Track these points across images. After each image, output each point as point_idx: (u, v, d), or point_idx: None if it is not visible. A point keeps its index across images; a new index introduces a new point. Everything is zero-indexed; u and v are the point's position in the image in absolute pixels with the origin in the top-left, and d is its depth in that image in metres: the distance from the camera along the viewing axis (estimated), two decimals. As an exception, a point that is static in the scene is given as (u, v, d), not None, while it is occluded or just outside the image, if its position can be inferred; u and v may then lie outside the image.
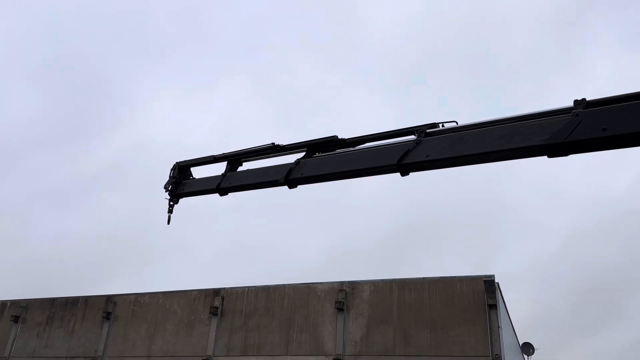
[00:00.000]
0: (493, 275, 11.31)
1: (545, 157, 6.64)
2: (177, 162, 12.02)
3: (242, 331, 13.35)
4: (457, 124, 7.75)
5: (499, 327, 10.88)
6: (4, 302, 17.26)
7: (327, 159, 8.85)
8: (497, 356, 10.69)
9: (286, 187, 9.21)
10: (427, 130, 7.82)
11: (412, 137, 7.99)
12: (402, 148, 7.85)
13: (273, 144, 10.19)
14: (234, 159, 10.82)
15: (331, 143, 9.13)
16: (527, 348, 18.19)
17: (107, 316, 15.06)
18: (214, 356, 13.29)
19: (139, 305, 14.98)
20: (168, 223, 12.15)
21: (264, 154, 10.44)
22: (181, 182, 11.83)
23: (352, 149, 8.76)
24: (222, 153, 11.32)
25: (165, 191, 12.03)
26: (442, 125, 7.90)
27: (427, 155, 7.50)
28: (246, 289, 13.91)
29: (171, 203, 12.00)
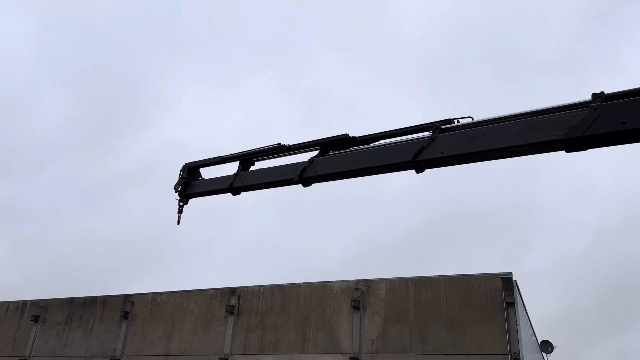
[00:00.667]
0: (510, 273, 11.19)
1: (564, 152, 6.54)
2: (186, 163, 12.18)
3: (259, 330, 13.39)
4: (472, 119, 7.67)
5: (517, 325, 10.75)
6: (24, 302, 17.54)
7: (341, 157, 8.82)
8: (515, 354, 10.57)
9: (300, 185, 9.21)
10: (442, 127, 7.76)
11: (427, 133, 7.93)
12: (416, 145, 7.79)
13: (279, 144, 10.25)
14: (244, 158, 10.88)
15: (343, 141, 9.11)
16: (546, 346, 17.97)
17: (125, 315, 15.22)
18: (231, 355, 13.35)
19: (157, 305, 15.11)
20: (178, 223, 12.38)
21: (272, 154, 10.48)
22: (190, 183, 11.99)
23: (366, 146, 8.71)
24: (230, 154, 11.43)
25: (175, 192, 12.22)
26: (458, 121, 7.82)
27: (443, 152, 7.44)
28: (262, 287, 13.95)
29: (181, 203, 12.23)
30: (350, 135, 9.19)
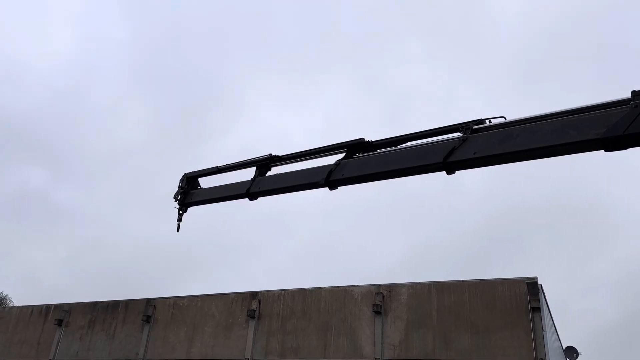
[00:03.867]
0: (536, 277, 11.00)
1: (603, 151, 6.37)
2: (185, 173, 12.56)
3: (280, 334, 13.35)
4: (505, 119, 7.51)
5: (543, 330, 10.56)
6: (48, 306, 17.76)
7: (369, 159, 8.71)
8: (541, 360, 10.38)
9: (327, 188, 9.16)
10: (474, 127, 7.60)
11: (458, 134, 7.79)
12: (447, 146, 7.64)
13: (270, 154, 10.62)
14: (235, 170, 11.42)
15: (359, 146, 9.06)
16: (571, 352, 17.64)
17: (147, 319, 15.31)
18: (252, 359, 13.33)
19: (178, 309, 15.17)
20: (177, 231, 12.73)
21: (255, 165, 10.89)
22: (190, 192, 12.37)
23: (394, 148, 8.60)
24: (225, 164, 11.82)
25: (175, 201, 12.63)
26: (489, 121, 7.67)
27: (475, 153, 7.28)
28: (282, 291, 13.92)
29: (180, 212, 12.62)
30: (366, 140, 9.16)
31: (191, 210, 12.72)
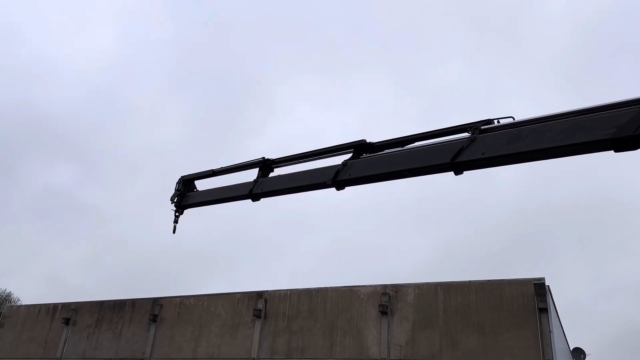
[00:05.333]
0: (543, 278, 10.95)
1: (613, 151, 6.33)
2: (182, 176, 12.76)
3: (286, 334, 13.36)
4: (513, 119, 7.47)
5: (550, 331, 10.51)
6: (55, 305, 17.85)
7: (376, 160, 8.68)
8: (548, 361, 10.33)
9: (334, 188, 9.16)
10: (482, 127, 7.56)
11: (465, 134, 7.76)
12: (455, 146, 7.60)
13: (264, 158, 10.69)
14: (230, 173, 11.64)
15: (360, 148, 9.05)
16: (578, 353, 17.55)
17: (154, 319, 15.35)
18: (259, 358, 13.34)
19: (185, 308, 15.21)
20: (174, 232, 12.87)
21: (250, 168, 11.10)
22: (186, 194, 12.57)
23: (401, 148, 8.57)
24: (220, 167, 11.96)
25: (172, 203, 12.81)
26: (498, 121, 7.63)
27: (483, 153, 7.25)
28: (288, 291, 13.92)
29: (177, 214, 12.81)
30: (368, 141, 9.14)
31: (219, 210, 12.85)
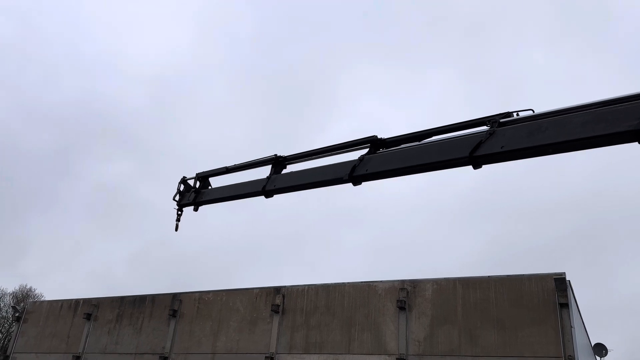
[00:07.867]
0: (564, 273, 10.80)
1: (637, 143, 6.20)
2: (197, 173, 12.94)
3: (304, 329, 13.40)
4: (533, 112, 7.35)
5: (571, 327, 10.38)
6: (77, 300, 18.15)
7: (393, 154, 8.62)
8: (570, 357, 10.21)
9: (351, 184, 9.13)
10: (501, 120, 7.46)
11: (484, 127, 7.67)
12: (474, 139, 7.51)
13: (276, 155, 10.71)
14: (243, 170, 11.67)
15: (375, 143, 9.00)
16: (600, 349, 17.31)
17: (174, 314, 15.52)
18: (277, 354, 13.42)
19: (204, 303, 15.34)
20: (176, 230, 13.00)
21: (263, 165, 11.12)
22: (201, 192, 12.67)
23: (418, 142, 8.50)
24: (234, 164, 11.99)
25: (175, 202, 12.96)
26: (517, 114, 7.51)
27: (503, 146, 7.15)
28: (306, 287, 13.96)
29: (179, 212, 12.94)
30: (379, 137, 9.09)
31: (265, 204, 12.88)
